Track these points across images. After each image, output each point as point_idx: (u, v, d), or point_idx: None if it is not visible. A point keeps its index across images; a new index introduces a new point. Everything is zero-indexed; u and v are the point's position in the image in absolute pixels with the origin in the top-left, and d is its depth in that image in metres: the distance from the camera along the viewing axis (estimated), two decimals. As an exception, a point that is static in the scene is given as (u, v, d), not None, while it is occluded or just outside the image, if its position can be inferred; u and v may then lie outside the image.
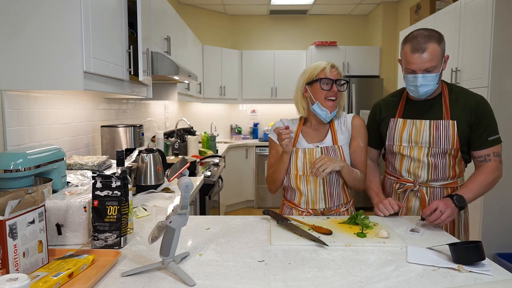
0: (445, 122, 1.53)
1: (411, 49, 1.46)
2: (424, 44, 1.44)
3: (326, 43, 5.22)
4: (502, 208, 2.69)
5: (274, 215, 1.47)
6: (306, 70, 1.62)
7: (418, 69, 1.46)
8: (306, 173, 1.59)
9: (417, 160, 1.58)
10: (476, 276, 1.02)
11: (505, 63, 2.62)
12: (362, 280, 0.99)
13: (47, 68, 1.41)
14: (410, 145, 1.59)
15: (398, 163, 1.65)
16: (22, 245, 0.95)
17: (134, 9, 2.02)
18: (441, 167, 1.57)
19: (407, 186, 1.63)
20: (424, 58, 1.44)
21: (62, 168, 1.57)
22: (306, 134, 1.65)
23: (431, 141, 1.54)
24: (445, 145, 1.53)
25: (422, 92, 1.51)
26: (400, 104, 1.65)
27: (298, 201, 1.63)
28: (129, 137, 2.45)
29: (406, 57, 1.49)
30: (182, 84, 3.55)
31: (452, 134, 1.52)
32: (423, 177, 1.59)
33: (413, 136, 1.58)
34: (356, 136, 1.62)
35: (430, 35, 1.45)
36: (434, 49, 1.44)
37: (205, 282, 0.97)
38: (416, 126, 1.57)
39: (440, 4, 3.49)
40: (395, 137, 1.63)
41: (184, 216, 1.04)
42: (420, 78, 1.47)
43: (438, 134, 1.53)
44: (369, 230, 1.35)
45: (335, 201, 1.61)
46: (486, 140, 1.52)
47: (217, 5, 5.27)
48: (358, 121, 1.63)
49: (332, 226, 1.40)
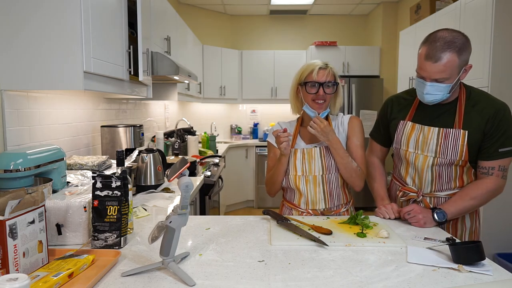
0: (456, 131, 1.43)
1: (426, 55, 1.35)
2: (441, 53, 1.31)
3: (326, 43, 5.22)
4: (502, 208, 2.69)
5: (274, 215, 1.47)
6: (299, 70, 1.62)
7: (428, 77, 1.37)
8: (305, 174, 1.59)
9: (421, 170, 1.52)
10: (476, 276, 1.02)
11: (505, 63, 2.62)
12: (362, 280, 0.99)
13: (47, 68, 1.41)
14: (416, 152, 1.51)
15: (403, 169, 1.60)
16: (22, 245, 0.95)
17: (134, 9, 2.02)
18: (446, 178, 1.49)
19: (410, 196, 1.58)
20: (436, 68, 1.33)
21: (62, 168, 1.57)
22: (304, 135, 1.66)
23: (437, 150, 1.46)
24: (452, 156, 1.44)
25: (427, 101, 1.43)
26: (413, 105, 1.56)
27: (298, 201, 1.63)
28: (129, 137, 2.45)
29: (419, 60, 1.39)
30: (182, 84, 3.55)
31: (461, 145, 1.42)
32: (427, 187, 1.54)
33: (420, 142, 1.50)
34: (351, 135, 1.61)
35: (452, 42, 1.32)
36: (451, 60, 1.31)
37: (205, 282, 0.97)
38: (424, 132, 1.49)
39: (440, 4, 3.49)
40: (402, 141, 1.56)
41: (184, 216, 1.04)
42: (428, 86, 1.38)
43: (446, 143, 1.44)
44: (369, 230, 1.35)
45: (335, 201, 1.61)
46: (496, 152, 1.41)
47: (217, 5, 5.27)
48: (355, 121, 1.63)
49: (332, 226, 1.40)
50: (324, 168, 1.58)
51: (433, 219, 1.41)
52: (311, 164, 1.58)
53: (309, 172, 1.59)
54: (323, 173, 1.58)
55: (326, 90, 1.54)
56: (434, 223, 1.41)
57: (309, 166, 1.58)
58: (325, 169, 1.58)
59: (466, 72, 1.39)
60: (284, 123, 1.71)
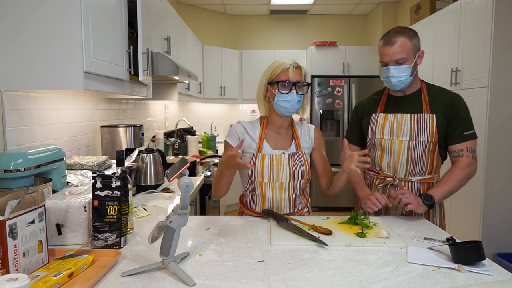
0: (425, 115, 1.60)
1: (383, 43, 1.58)
2: (394, 37, 1.55)
3: (326, 43, 5.22)
4: (502, 208, 2.69)
5: (274, 215, 1.47)
6: (268, 68, 1.56)
7: (390, 61, 1.56)
8: (272, 181, 1.53)
9: (397, 154, 1.63)
10: (476, 276, 1.02)
11: (505, 63, 2.62)
12: (362, 280, 0.99)
13: (47, 68, 1.41)
14: (391, 139, 1.64)
15: (378, 157, 1.69)
16: (22, 245, 0.95)
17: (134, 9, 2.02)
18: (420, 161, 1.62)
19: (387, 181, 1.66)
20: (394, 50, 1.54)
21: (62, 168, 1.57)
22: (270, 139, 1.59)
23: (411, 134, 1.60)
24: (425, 137, 1.59)
25: (395, 82, 1.57)
26: (382, 100, 1.72)
27: (261, 207, 1.57)
28: (129, 137, 2.45)
29: (380, 50, 1.60)
30: (182, 84, 3.55)
31: (431, 127, 1.58)
32: (402, 171, 1.64)
33: (394, 129, 1.64)
34: (318, 147, 1.65)
35: (402, 31, 1.57)
36: (404, 42, 1.54)
37: (205, 282, 0.97)
38: (397, 119, 1.63)
39: (440, 4, 3.49)
40: (376, 130, 1.68)
41: (184, 216, 1.04)
42: (392, 69, 1.56)
43: (418, 126, 1.60)
44: (369, 230, 1.36)
45: (298, 206, 1.61)
46: (462, 135, 1.58)
47: (217, 5, 5.27)
48: (319, 133, 1.67)
49: (332, 226, 1.40)
50: (291, 175, 1.54)
51: (423, 203, 1.49)
52: (279, 171, 1.53)
53: (276, 179, 1.53)
54: (290, 180, 1.54)
55: (298, 91, 1.50)
56: (425, 207, 1.50)
57: (277, 173, 1.53)
58: (292, 176, 1.54)
59: (421, 58, 1.61)
60: (245, 122, 1.63)
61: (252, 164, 1.44)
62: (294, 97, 1.49)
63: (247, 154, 1.57)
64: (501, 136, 2.66)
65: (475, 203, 2.77)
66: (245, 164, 1.30)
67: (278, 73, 1.51)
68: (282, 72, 1.50)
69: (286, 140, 1.60)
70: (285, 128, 1.61)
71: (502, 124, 2.66)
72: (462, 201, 2.93)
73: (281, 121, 1.58)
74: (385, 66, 1.59)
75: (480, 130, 2.71)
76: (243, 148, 1.57)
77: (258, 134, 1.58)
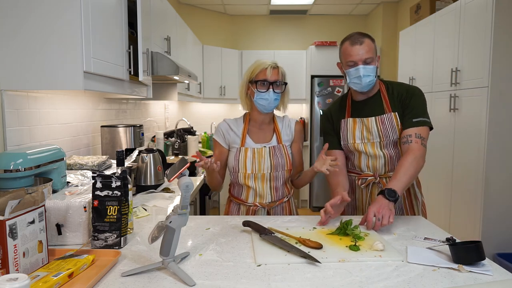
0: (389, 115, 1.63)
1: (350, 43, 1.59)
2: (361, 38, 1.58)
3: (326, 43, 5.22)
4: (502, 208, 2.69)
5: (256, 227, 1.33)
6: (250, 68, 1.69)
7: (359, 60, 1.56)
8: (254, 172, 1.66)
9: (373, 155, 1.66)
10: (476, 276, 1.02)
11: (505, 63, 2.62)
12: (362, 280, 0.99)
13: (47, 68, 1.41)
14: (364, 142, 1.67)
15: (357, 159, 1.71)
16: (22, 245, 0.95)
17: (134, 9, 2.01)
18: (396, 157, 1.65)
19: (369, 180, 1.68)
20: (363, 49, 1.56)
21: (62, 168, 1.57)
22: (252, 134, 1.72)
23: (380, 135, 1.63)
24: (393, 136, 1.62)
25: (365, 83, 1.58)
26: (347, 105, 1.74)
27: (246, 196, 1.71)
28: (129, 137, 2.45)
29: (346, 51, 1.60)
30: (182, 84, 3.55)
31: (396, 125, 1.62)
32: (382, 169, 1.67)
33: (364, 133, 1.67)
34: (297, 140, 1.77)
35: (365, 34, 1.61)
36: (369, 43, 1.58)
37: (205, 282, 0.97)
38: (364, 123, 1.67)
39: (440, 4, 3.49)
40: (348, 136, 1.70)
41: (184, 216, 1.04)
42: (362, 68, 1.56)
43: (385, 127, 1.63)
44: (362, 241, 1.24)
45: (279, 195, 1.71)
46: (410, 121, 1.59)
47: (217, 5, 5.27)
48: (300, 127, 1.79)
49: (321, 238, 1.28)
50: (272, 166, 1.66)
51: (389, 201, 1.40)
52: (260, 163, 1.66)
53: (258, 170, 1.66)
54: (271, 171, 1.67)
55: (275, 89, 1.62)
56: (393, 204, 1.40)
57: (259, 165, 1.66)
58: (273, 168, 1.66)
59: (378, 62, 1.63)
60: (230, 120, 1.77)
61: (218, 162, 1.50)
62: (271, 96, 1.62)
63: (232, 149, 1.71)
64: (501, 136, 2.66)
65: (475, 203, 2.77)
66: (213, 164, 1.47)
67: (258, 72, 1.64)
68: (261, 72, 1.63)
69: (268, 134, 1.73)
70: (267, 124, 1.74)
71: (502, 124, 2.65)
72: (462, 201, 2.94)
73: (262, 117, 1.72)
74: (353, 66, 1.58)
75: (480, 130, 2.71)
76: (229, 143, 1.72)
77: (241, 130, 1.73)
